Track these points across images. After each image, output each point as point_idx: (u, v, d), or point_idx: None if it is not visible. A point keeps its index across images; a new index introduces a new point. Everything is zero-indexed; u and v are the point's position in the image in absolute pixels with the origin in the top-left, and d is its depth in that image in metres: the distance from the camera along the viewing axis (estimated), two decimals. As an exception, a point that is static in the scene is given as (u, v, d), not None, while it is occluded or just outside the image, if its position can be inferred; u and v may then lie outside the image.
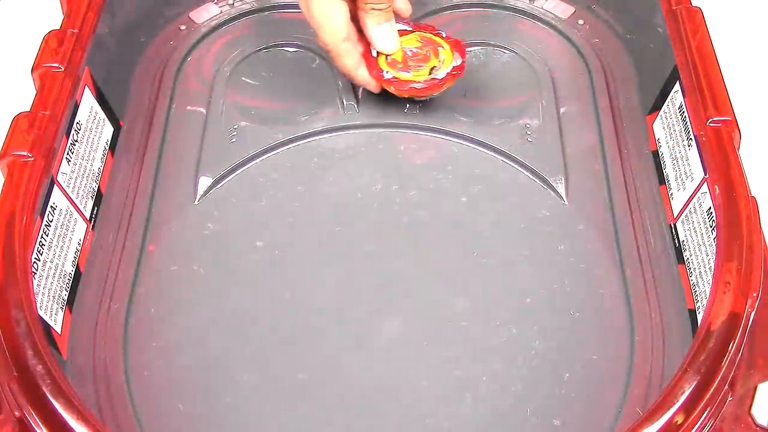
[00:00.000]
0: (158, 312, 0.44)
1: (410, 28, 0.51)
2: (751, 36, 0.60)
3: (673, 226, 0.45)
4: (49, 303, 0.40)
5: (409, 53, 0.50)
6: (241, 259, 0.46)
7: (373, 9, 0.47)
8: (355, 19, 0.48)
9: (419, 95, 0.50)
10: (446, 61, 0.50)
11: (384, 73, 0.49)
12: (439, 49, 0.50)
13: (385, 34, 0.49)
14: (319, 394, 0.40)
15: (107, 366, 0.42)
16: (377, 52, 0.49)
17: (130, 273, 0.45)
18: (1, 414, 0.34)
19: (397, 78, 0.49)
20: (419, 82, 0.49)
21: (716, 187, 0.40)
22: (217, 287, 0.45)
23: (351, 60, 0.49)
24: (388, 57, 0.50)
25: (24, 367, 0.34)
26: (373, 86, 0.50)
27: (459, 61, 0.50)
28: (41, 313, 0.39)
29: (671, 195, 0.46)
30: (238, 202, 0.48)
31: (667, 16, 0.48)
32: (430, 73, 0.49)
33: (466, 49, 0.53)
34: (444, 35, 0.51)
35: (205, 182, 0.49)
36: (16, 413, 0.33)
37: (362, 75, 0.50)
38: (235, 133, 0.51)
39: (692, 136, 0.44)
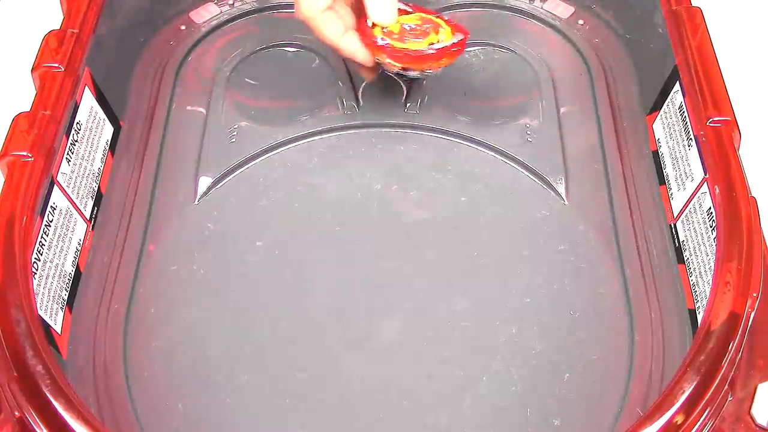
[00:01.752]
0: (158, 312, 0.44)
1: (411, 10, 0.48)
2: (751, 36, 0.60)
3: (673, 226, 0.45)
4: (49, 303, 0.40)
5: (407, 28, 0.46)
6: (241, 259, 0.46)
7: None
8: None
9: (415, 64, 0.46)
10: (446, 39, 0.46)
11: (378, 39, 0.46)
12: (440, 29, 0.47)
13: (381, 2, 0.45)
14: (319, 394, 0.40)
15: (107, 366, 0.42)
16: (372, 23, 0.46)
17: (130, 273, 0.45)
18: (1, 414, 0.34)
19: (391, 45, 0.46)
20: (416, 50, 0.46)
21: (716, 187, 0.40)
22: (217, 287, 0.45)
23: (333, 28, 0.45)
24: (385, 28, 0.46)
25: (24, 367, 0.34)
26: (361, 56, 0.46)
27: (459, 38, 0.47)
28: (41, 313, 0.39)
29: (671, 195, 0.46)
30: (238, 202, 0.48)
31: (667, 16, 0.48)
32: (428, 47, 0.46)
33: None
34: (446, 19, 0.48)
35: (205, 182, 0.49)
36: (16, 413, 0.33)
37: (347, 44, 0.46)
38: (235, 133, 0.51)
39: (692, 136, 0.44)
